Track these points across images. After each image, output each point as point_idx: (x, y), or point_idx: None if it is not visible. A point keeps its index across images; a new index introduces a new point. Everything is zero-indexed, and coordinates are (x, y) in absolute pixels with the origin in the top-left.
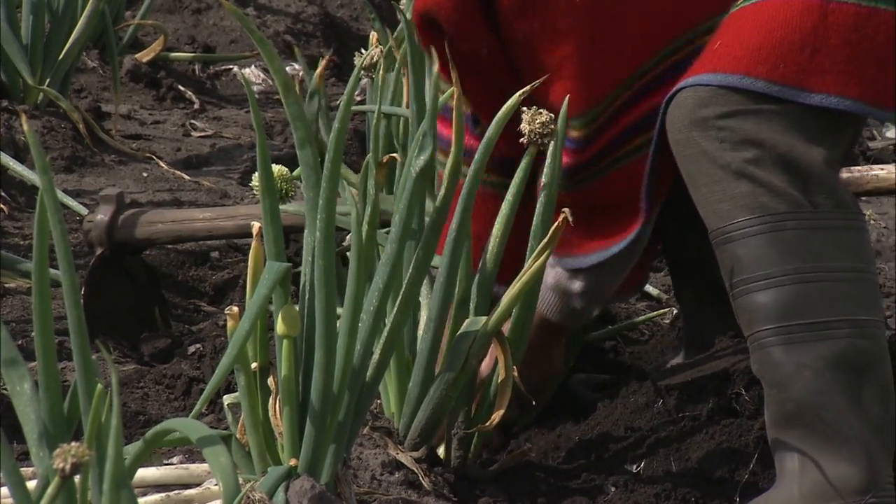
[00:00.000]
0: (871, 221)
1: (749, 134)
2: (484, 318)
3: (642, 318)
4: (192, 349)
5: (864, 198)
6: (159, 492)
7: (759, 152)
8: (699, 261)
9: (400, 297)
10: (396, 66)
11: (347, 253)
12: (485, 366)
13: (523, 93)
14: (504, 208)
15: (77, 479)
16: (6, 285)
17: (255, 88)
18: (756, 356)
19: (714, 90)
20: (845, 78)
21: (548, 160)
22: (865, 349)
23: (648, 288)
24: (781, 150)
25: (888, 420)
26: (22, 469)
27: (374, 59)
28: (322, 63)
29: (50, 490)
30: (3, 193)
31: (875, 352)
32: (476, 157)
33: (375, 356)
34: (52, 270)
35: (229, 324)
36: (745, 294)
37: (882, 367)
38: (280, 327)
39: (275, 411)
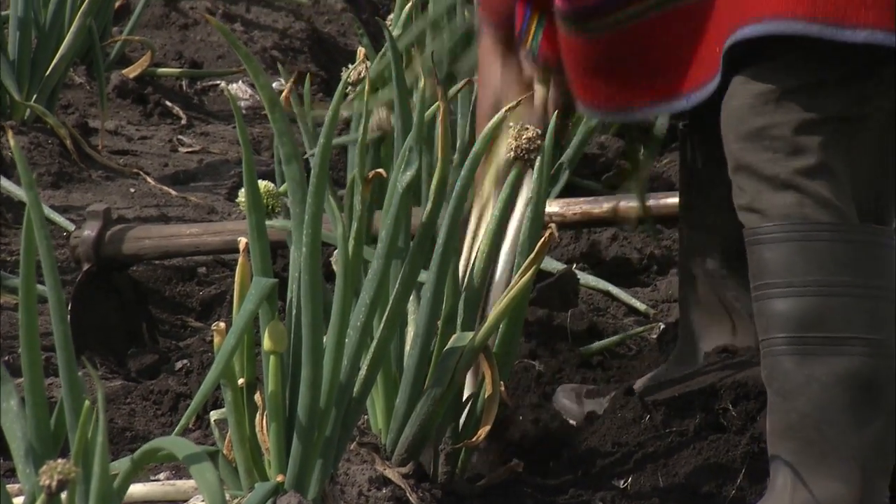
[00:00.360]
0: None
1: (802, 144)
2: (471, 334)
3: (629, 333)
4: (179, 365)
5: None
6: None
7: (810, 162)
8: (707, 264)
9: (387, 312)
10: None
11: (334, 265)
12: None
13: (510, 108)
14: (491, 223)
15: (64, 495)
16: None
17: (242, 104)
18: (767, 362)
19: (765, 94)
20: (889, 13)
21: (534, 175)
22: (878, 369)
23: (635, 303)
24: (830, 162)
25: (889, 443)
26: (8, 486)
27: (361, 75)
28: (289, 83)
29: None
30: None
31: (886, 373)
32: (462, 173)
33: (362, 372)
34: (38, 286)
35: (216, 339)
36: (766, 298)
37: (890, 390)
38: (267, 343)
39: (262, 427)
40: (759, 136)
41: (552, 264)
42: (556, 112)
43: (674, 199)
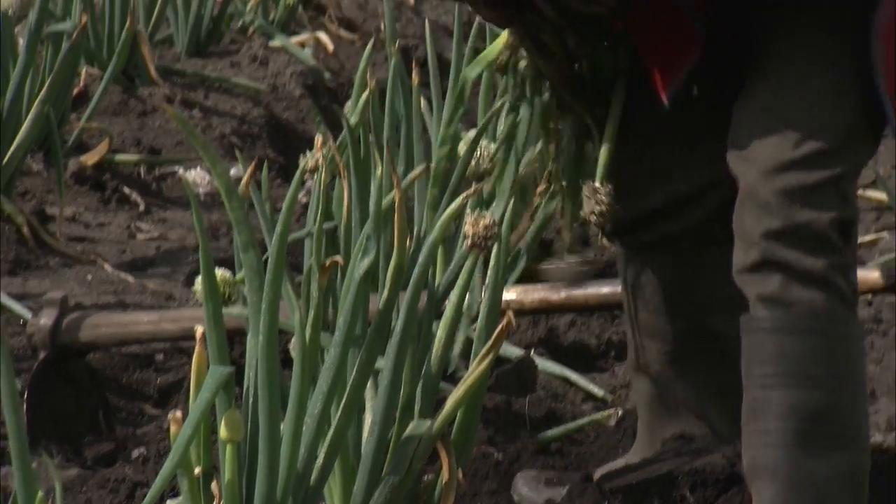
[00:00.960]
0: None
1: (835, 240)
2: (429, 421)
3: (587, 419)
4: (136, 453)
5: None
6: None
7: (845, 259)
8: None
9: (344, 400)
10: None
11: (292, 352)
12: None
13: (467, 195)
14: (448, 311)
15: None
16: None
17: (200, 190)
18: (760, 451)
19: (793, 190)
20: None
21: (491, 263)
22: (866, 466)
23: (594, 389)
24: (851, 261)
25: None
26: None
27: (318, 162)
28: (248, 171)
29: None
30: None
31: (868, 470)
32: (420, 259)
33: (320, 460)
34: None
35: (172, 429)
36: (774, 388)
37: (867, 487)
38: (223, 432)
39: None
40: (793, 233)
41: (510, 350)
42: None
43: None
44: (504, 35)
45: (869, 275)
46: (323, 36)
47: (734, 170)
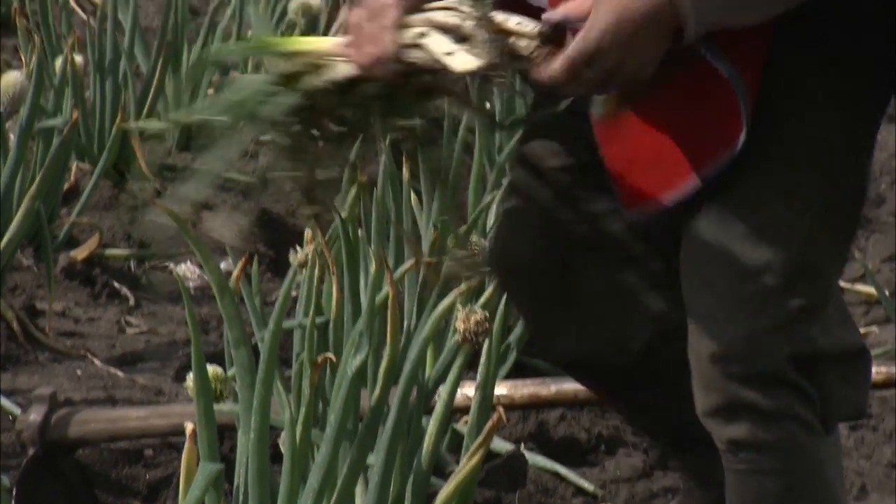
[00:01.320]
0: None
1: (796, 378)
2: None
3: None
4: None
5: None
6: None
7: (808, 391)
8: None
9: (334, 497)
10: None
11: (282, 447)
12: None
13: (458, 292)
14: (439, 407)
15: None
16: None
17: (191, 284)
18: None
19: (758, 332)
20: None
21: (482, 358)
22: None
23: (584, 484)
24: (814, 392)
25: None
26: None
27: (309, 257)
28: (237, 268)
29: None
30: None
31: None
32: (412, 356)
33: None
34: None
35: None
36: None
37: None
38: None
39: None
40: (752, 376)
41: (500, 445)
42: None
43: None
44: (323, 42)
45: None
46: None
47: (686, 299)
